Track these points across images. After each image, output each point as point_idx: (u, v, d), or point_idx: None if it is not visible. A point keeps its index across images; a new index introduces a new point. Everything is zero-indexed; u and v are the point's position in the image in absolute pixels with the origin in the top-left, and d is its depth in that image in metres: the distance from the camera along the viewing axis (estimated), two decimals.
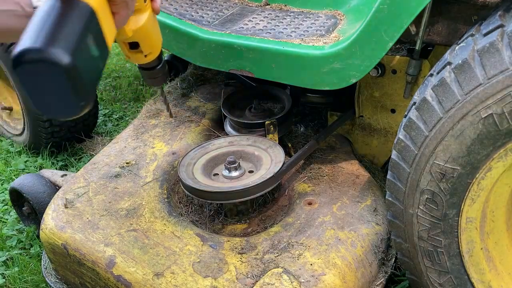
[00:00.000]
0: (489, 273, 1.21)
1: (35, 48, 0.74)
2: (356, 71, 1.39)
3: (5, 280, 1.78)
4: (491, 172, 1.06)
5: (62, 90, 0.78)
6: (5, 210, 2.14)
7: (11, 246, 1.93)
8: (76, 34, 0.79)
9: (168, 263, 1.31)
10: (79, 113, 0.82)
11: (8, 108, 2.66)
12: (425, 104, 1.10)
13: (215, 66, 1.67)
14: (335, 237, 1.37)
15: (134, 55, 1.22)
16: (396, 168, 1.22)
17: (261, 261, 1.30)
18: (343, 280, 1.27)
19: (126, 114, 2.98)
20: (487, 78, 0.99)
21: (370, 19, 1.30)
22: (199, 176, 1.52)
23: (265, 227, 1.50)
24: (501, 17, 1.02)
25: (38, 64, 0.75)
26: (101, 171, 1.67)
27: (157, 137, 1.83)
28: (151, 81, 1.38)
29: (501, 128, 1.00)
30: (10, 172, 2.39)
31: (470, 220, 1.14)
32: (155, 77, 1.37)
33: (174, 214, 1.49)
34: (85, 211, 1.50)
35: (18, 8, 0.97)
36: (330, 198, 1.52)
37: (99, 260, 1.36)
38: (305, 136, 1.87)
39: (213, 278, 1.26)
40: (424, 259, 1.25)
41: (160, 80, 1.39)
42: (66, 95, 0.79)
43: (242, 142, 1.65)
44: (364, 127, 1.80)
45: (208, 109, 1.99)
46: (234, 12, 1.84)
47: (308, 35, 1.57)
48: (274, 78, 1.57)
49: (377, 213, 1.48)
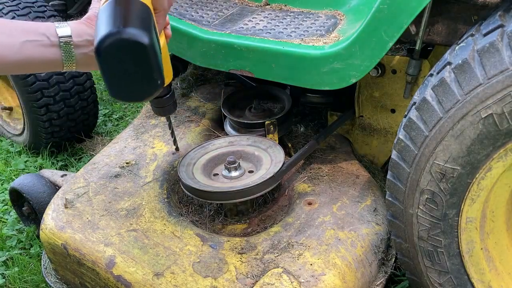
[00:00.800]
0: (489, 273, 1.21)
1: (115, 31, 0.79)
2: (356, 71, 1.39)
3: (5, 280, 1.78)
4: (491, 172, 1.06)
5: (142, 69, 0.82)
6: (5, 210, 2.14)
7: (11, 246, 1.94)
8: (145, 19, 0.85)
9: (168, 263, 1.31)
10: (156, 92, 0.88)
11: (8, 108, 2.66)
12: (425, 104, 1.10)
13: (215, 66, 1.67)
14: (335, 237, 1.37)
15: None
16: (396, 168, 1.22)
17: (261, 261, 1.30)
18: (343, 280, 1.27)
19: (126, 114, 2.98)
20: (487, 78, 0.99)
21: (370, 19, 1.30)
22: (199, 176, 1.52)
23: (265, 227, 1.50)
24: (501, 17, 1.02)
25: (120, 46, 0.79)
26: (101, 171, 1.67)
27: (157, 137, 1.83)
28: (159, 110, 1.40)
29: (501, 128, 1.00)
30: (10, 172, 2.39)
31: (470, 220, 1.14)
32: (164, 106, 1.39)
33: (174, 214, 1.49)
34: (85, 211, 1.50)
35: (44, 39, 1.01)
36: (330, 198, 1.52)
37: (99, 260, 1.36)
38: (305, 136, 1.87)
39: (213, 278, 1.26)
40: (424, 259, 1.25)
41: (168, 109, 1.40)
42: (147, 74, 0.83)
43: (242, 142, 1.65)
44: (364, 127, 1.80)
45: (208, 109, 1.99)
46: (234, 12, 1.84)
47: (308, 35, 1.57)
48: (274, 78, 1.57)
49: (377, 213, 1.48)
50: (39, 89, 2.24)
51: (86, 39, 1.05)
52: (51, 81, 2.25)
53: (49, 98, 2.27)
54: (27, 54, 1.00)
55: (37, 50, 1.01)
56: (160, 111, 1.41)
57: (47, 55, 1.02)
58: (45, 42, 1.01)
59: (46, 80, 2.24)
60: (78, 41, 1.05)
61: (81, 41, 1.05)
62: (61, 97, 2.30)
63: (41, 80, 2.23)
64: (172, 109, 1.41)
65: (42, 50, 1.01)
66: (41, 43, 1.01)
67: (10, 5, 2.27)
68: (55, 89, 2.27)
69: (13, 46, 0.98)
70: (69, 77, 2.31)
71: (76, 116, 2.42)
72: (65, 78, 2.29)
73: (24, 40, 0.99)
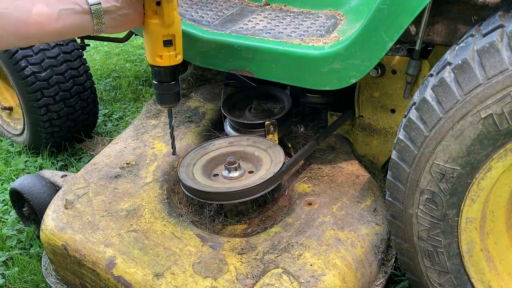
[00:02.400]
0: (489, 273, 1.21)
1: None
2: (356, 71, 1.39)
3: (5, 280, 1.78)
4: (491, 172, 1.06)
5: None
6: (5, 210, 2.14)
7: (11, 246, 1.94)
8: None
9: (168, 263, 1.31)
10: None
11: (8, 108, 2.66)
12: (425, 104, 1.10)
13: (215, 66, 1.67)
14: (335, 238, 1.37)
15: (167, 53, 1.34)
16: (396, 168, 1.22)
17: (261, 262, 1.30)
18: (343, 280, 1.27)
19: (126, 114, 2.98)
20: (487, 78, 0.99)
21: (370, 19, 1.30)
22: (199, 176, 1.52)
23: (265, 228, 1.50)
24: (501, 17, 1.02)
25: None
26: (101, 171, 1.67)
27: (157, 138, 1.83)
28: (164, 98, 1.47)
29: (501, 128, 1.00)
30: (10, 172, 2.39)
31: (470, 220, 1.14)
32: (169, 92, 1.45)
33: (174, 214, 1.49)
34: (85, 212, 1.50)
35: (77, 6, 1.13)
36: (330, 199, 1.52)
37: (99, 260, 1.36)
38: (305, 136, 1.87)
39: (213, 278, 1.26)
40: (424, 259, 1.25)
41: (172, 97, 1.47)
42: None
43: (242, 142, 1.65)
44: (364, 127, 1.80)
45: (208, 109, 1.99)
46: (234, 12, 1.84)
47: (308, 35, 1.57)
48: (274, 78, 1.57)
49: (377, 213, 1.48)
50: (39, 89, 2.24)
51: (114, 5, 1.19)
52: (51, 81, 2.25)
53: (49, 98, 2.27)
54: (63, 21, 1.11)
55: (72, 17, 1.12)
56: (164, 99, 1.47)
57: (80, 22, 1.14)
58: (77, 9, 1.13)
59: (46, 80, 2.24)
60: (106, 6, 1.18)
61: (109, 6, 1.18)
62: (61, 97, 2.30)
63: (41, 80, 2.23)
64: (172, 100, 1.46)
65: (75, 17, 1.13)
66: (75, 11, 1.12)
67: None
68: (55, 89, 2.27)
69: (51, 15, 1.09)
70: (69, 77, 2.31)
71: (76, 116, 2.42)
72: (65, 78, 2.29)
73: (60, 9, 1.10)
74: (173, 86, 1.45)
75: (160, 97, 1.47)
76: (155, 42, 1.32)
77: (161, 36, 1.31)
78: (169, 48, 1.34)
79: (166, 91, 1.45)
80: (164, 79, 1.43)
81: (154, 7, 1.28)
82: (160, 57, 1.35)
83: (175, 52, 1.36)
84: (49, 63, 2.24)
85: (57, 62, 2.27)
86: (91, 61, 3.86)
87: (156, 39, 1.32)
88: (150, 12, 1.29)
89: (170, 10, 1.29)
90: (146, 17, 1.30)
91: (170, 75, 1.42)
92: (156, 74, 1.43)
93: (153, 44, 1.33)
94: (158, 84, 1.44)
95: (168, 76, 1.42)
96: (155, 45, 1.33)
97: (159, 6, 1.28)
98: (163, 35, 1.31)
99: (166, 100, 1.48)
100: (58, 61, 2.27)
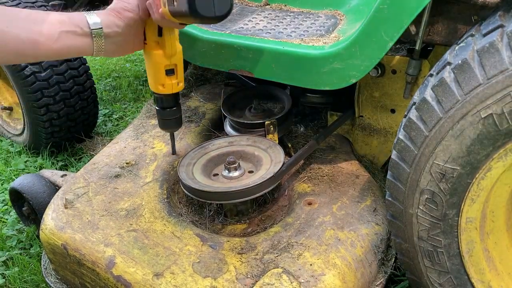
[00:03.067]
0: (489, 273, 1.21)
1: None
2: (356, 71, 1.39)
3: (5, 280, 1.78)
4: (491, 172, 1.06)
5: None
6: (5, 210, 2.14)
7: (11, 246, 1.94)
8: None
9: (168, 263, 1.31)
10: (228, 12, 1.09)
11: (8, 108, 2.66)
12: (425, 104, 1.10)
13: (215, 66, 1.67)
14: (335, 237, 1.37)
15: (169, 82, 1.36)
16: (396, 168, 1.21)
17: (260, 261, 1.30)
18: (343, 280, 1.27)
19: (126, 114, 2.98)
20: (487, 78, 0.99)
21: (370, 19, 1.30)
22: (199, 176, 1.52)
23: (265, 227, 1.50)
24: (501, 17, 1.02)
25: None
26: (101, 171, 1.67)
27: (157, 137, 1.83)
28: (166, 123, 1.51)
29: (501, 128, 1.00)
30: (10, 172, 2.39)
31: (470, 220, 1.14)
32: (171, 118, 1.48)
33: (174, 214, 1.49)
34: (85, 211, 1.50)
35: (78, 29, 1.14)
36: (330, 198, 1.52)
37: (99, 260, 1.36)
38: (305, 136, 1.87)
39: (213, 278, 1.26)
40: (424, 259, 1.25)
41: (173, 123, 1.50)
42: None
43: (242, 142, 1.65)
44: (364, 127, 1.80)
45: (208, 109, 1.99)
46: (234, 12, 1.84)
47: (308, 35, 1.57)
48: (274, 78, 1.57)
49: (377, 213, 1.48)
50: (39, 89, 2.24)
51: (115, 30, 1.20)
52: (51, 81, 2.25)
53: (49, 98, 2.27)
54: (64, 42, 1.12)
55: (72, 39, 1.14)
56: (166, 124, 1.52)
57: (80, 44, 1.16)
58: (78, 32, 1.15)
59: (46, 80, 2.24)
60: (107, 31, 1.18)
61: (110, 32, 1.19)
62: (61, 97, 2.30)
63: (41, 80, 2.23)
64: (174, 124, 1.50)
65: (76, 39, 1.14)
66: (75, 33, 1.14)
67: (10, 5, 2.27)
68: (55, 89, 2.27)
69: (52, 36, 1.10)
70: (69, 77, 2.31)
71: (76, 116, 2.42)
72: (65, 78, 2.29)
73: (61, 30, 1.12)
74: (175, 111, 1.47)
75: (163, 123, 1.51)
76: (157, 71, 1.33)
77: (163, 66, 1.32)
78: (171, 77, 1.35)
79: (168, 117, 1.48)
80: (166, 105, 1.45)
81: (156, 38, 1.29)
82: (162, 85, 1.36)
83: (177, 80, 1.37)
84: (49, 63, 2.24)
85: (57, 62, 2.27)
86: (91, 61, 3.86)
87: (159, 69, 1.33)
88: (152, 42, 1.30)
89: (172, 40, 1.30)
90: (149, 47, 1.31)
91: (172, 101, 1.44)
92: (158, 101, 1.45)
93: (155, 73, 1.34)
94: (160, 110, 1.47)
95: (170, 102, 1.45)
96: (157, 74, 1.34)
97: (161, 37, 1.29)
98: (165, 65, 1.32)
99: (169, 125, 1.51)
100: (58, 61, 2.28)
